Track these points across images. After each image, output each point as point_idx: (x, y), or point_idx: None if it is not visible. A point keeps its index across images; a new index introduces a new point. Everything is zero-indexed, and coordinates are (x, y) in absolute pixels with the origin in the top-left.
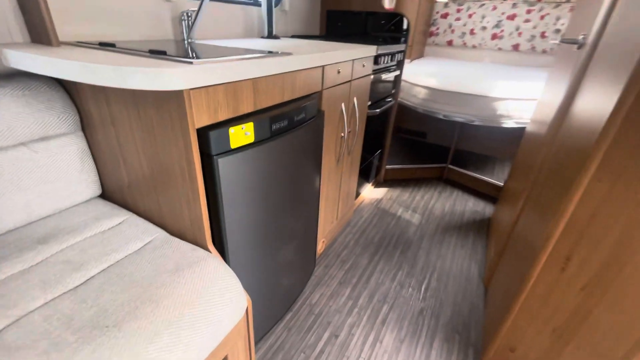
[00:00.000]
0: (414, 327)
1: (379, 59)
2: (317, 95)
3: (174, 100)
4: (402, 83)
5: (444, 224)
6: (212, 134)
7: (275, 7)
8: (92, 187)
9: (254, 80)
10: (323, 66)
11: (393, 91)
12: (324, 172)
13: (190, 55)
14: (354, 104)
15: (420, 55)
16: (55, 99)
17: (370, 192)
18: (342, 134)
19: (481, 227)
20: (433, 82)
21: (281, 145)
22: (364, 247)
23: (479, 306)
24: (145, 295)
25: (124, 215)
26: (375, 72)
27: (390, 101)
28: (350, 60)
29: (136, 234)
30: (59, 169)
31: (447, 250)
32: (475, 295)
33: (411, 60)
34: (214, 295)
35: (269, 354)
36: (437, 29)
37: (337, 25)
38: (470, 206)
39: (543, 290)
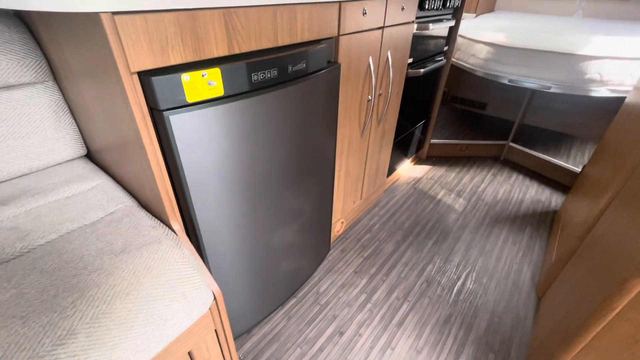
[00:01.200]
0: (437, 336)
1: (425, 1)
2: (330, 43)
3: (99, 31)
4: (459, 39)
5: (494, 213)
6: (156, 81)
7: None
8: (73, 145)
9: (227, 12)
10: (340, 2)
11: (445, 48)
12: (342, 143)
13: None
14: (387, 59)
15: (490, 8)
16: (14, 41)
17: (408, 170)
18: (369, 97)
19: (542, 222)
20: (500, 38)
21: (268, 102)
22: (390, 232)
23: (527, 321)
24: (74, 281)
25: (98, 180)
26: (420, 20)
27: (441, 60)
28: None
29: (101, 202)
30: (30, 124)
31: (493, 245)
32: (522, 306)
33: (477, 15)
34: (159, 288)
35: (261, 343)
36: None
37: None
38: (532, 194)
39: (635, 326)
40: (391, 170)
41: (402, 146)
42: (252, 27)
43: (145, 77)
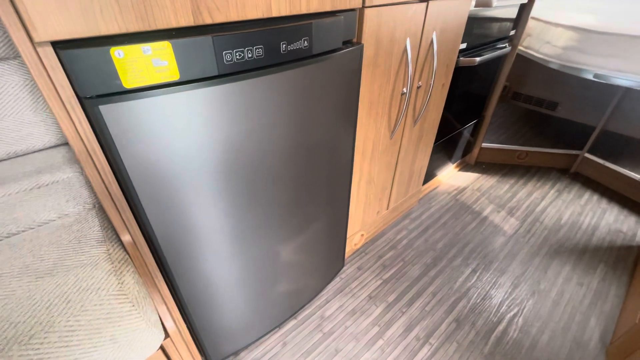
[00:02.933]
0: None
1: None
2: (350, 17)
3: None
4: (531, 22)
5: (555, 241)
6: (70, 56)
7: None
8: (55, 131)
9: None
10: None
11: (512, 32)
12: (363, 145)
13: None
14: (431, 42)
15: None
16: None
17: (451, 177)
18: (404, 89)
19: (622, 260)
20: (588, 20)
21: (251, 91)
22: (419, 252)
23: None
24: None
25: (70, 172)
26: None
27: (504, 47)
28: None
29: (61, 200)
30: (3, 105)
31: (550, 284)
32: None
33: None
34: (78, 330)
35: None
36: None
37: None
38: (609, 221)
39: None
40: (429, 175)
41: (446, 148)
42: None
43: (61, 50)
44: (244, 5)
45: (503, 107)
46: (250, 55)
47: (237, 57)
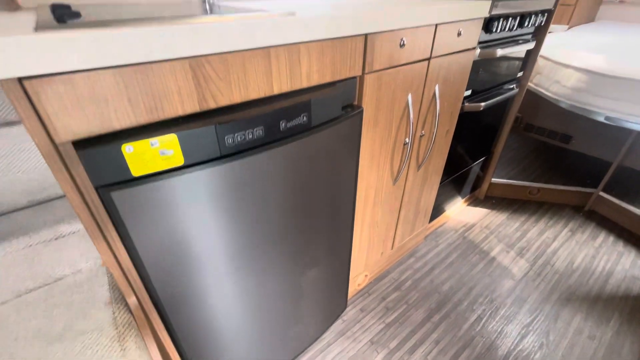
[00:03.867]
0: None
1: (494, 23)
2: (350, 84)
3: (12, 98)
4: (540, 61)
5: (566, 287)
6: (87, 155)
7: None
8: None
9: (195, 62)
10: (366, 35)
11: (520, 74)
12: (366, 192)
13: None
14: (433, 95)
15: (590, 18)
16: None
17: (460, 212)
18: (406, 139)
19: (638, 310)
20: (597, 62)
21: (250, 167)
22: (423, 294)
23: None
24: None
25: None
26: (484, 44)
27: (512, 89)
28: (429, 25)
29: (75, 254)
30: (31, 161)
31: (560, 336)
32: None
33: (569, 27)
34: None
35: None
36: None
37: None
38: (626, 266)
39: None
40: (437, 211)
41: (454, 185)
42: (235, 75)
43: (79, 149)
44: (247, 88)
45: (515, 138)
46: (250, 136)
47: (239, 139)
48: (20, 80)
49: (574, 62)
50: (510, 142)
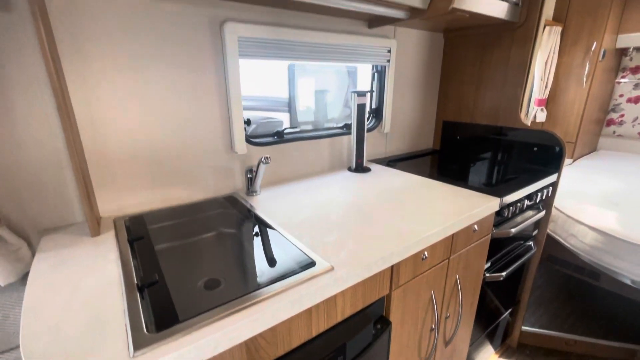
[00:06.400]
0: None
1: (504, 210)
2: (378, 304)
3: None
4: (554, 212)
5: None
6: None
7: (370, 131)
8: None
9: (251, 340)
10: (392, 265)
11: (535, 232)
12: None
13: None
14: (456, 282)
15: (592, 148)
16: None
17: None
18: (432, 326)
19: None
20: (609, 221)
21: None
22: None
23: None
24: None
25: None
26: (498, 226)
27: (530, 248)
28: (446, 237)
29: None
30: None
31: None
32: None
33: (574, 160)
34: None
35: None
36: (622, 116)
37: (454, 139)
38: None
39: None
40: None
41: (483, 340)
42: (281, 337)
43: None
44: (290, 343)
45: (539, 271)
46: None
47: None
48: None
49: (585, 219)
50: (536, 277)
